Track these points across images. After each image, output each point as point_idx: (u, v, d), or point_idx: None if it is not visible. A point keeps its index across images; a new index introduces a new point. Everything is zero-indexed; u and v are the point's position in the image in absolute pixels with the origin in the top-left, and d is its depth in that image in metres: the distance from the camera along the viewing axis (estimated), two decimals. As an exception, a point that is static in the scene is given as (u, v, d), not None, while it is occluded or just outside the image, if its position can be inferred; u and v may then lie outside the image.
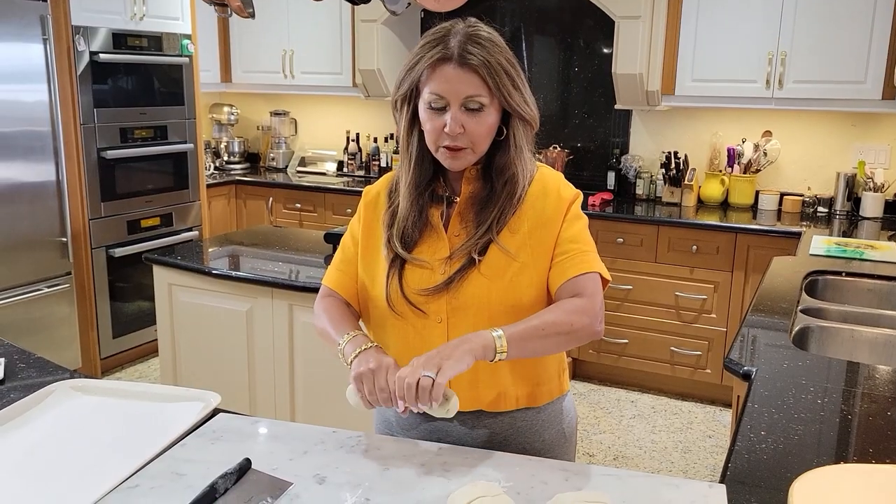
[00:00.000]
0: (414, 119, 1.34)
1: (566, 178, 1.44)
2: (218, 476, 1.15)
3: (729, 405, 3.69)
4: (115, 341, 4.07)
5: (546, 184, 1.38)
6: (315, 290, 2.47)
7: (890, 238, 3.30)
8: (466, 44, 1.26)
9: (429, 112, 1.29)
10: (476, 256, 1.31)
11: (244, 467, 1.19)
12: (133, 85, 4.02)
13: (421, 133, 1.33)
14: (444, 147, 1.30)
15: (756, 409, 1.50)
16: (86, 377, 1.61)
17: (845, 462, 1.27)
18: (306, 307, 2.56)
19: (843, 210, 3.82)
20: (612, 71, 3.85)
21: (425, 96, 1.28)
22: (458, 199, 1.38)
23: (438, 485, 1.18)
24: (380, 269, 1.38)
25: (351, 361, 1.29)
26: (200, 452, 1.29)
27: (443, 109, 1.28)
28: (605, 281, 1.36)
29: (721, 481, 1.23)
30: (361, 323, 1.46)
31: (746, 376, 1.69)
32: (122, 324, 4.10)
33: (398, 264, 1.36)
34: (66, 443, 1.33)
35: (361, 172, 5.04)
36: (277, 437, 1.35)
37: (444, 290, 1.32)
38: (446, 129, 1.27)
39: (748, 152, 3.97)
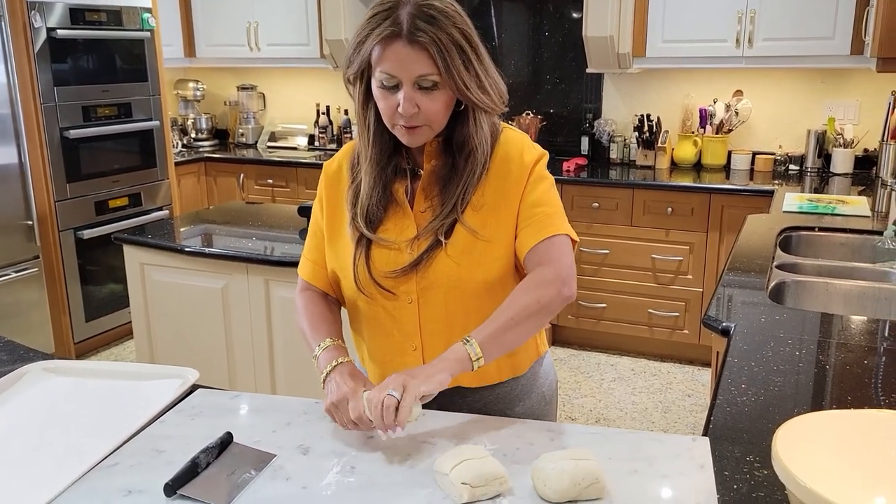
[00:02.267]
0: (368, 94, 1.28)
1: (540, 145, 1.39)
2: (199, 451, 1.13)
3: (707, 364, 3.74)
4: (87, 325, 4.00)
5: (509, 149, 1.33)
6: (291, 264, 2.47)
7: (860, 193, 3.33)
8: (416, 18, 1.18)
9: (381, 91, 1.23)
10: (442, 239, 1.28)
11: (226, 441, 1.18)
12: (94, 61, 3.92)
13: (377, 107, 1.27)
14: (399, 125, 1.25)
15: (736, 363, 1.51)
16: (59, 359, 1.57)
17: (825, 410, 1.28)
18: (283, 282, 2.53)
19: (813, 167, 3.85)
20: (583, 34, 3.82)
21: (377, 74, 1.22)
22: (422, 172, 1.34)
23: (424, 450, 1.18)
24: (346, 250, 1.35)
25: (323, 380, 1.27)
26: (180, 428, 1.26)
27: (395, 88, 1.22)
28: (574, 242, 1.34)
29: (704, 434, 1.24)
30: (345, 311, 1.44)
31: (725, 332, 1.70)
32: (95, 307, 4.03)
33: (364, 244, 1.32)
34: (42, 425, 1.31)
35: (333, 146, 4.97)
36: (259, 410, 1.33)
37: (412, 271, 1.29)
38: (399, 109, 1.21)
39: (720, 112, 3.98)
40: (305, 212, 2.87)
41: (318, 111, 5.01)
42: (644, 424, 3.21)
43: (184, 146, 5.07)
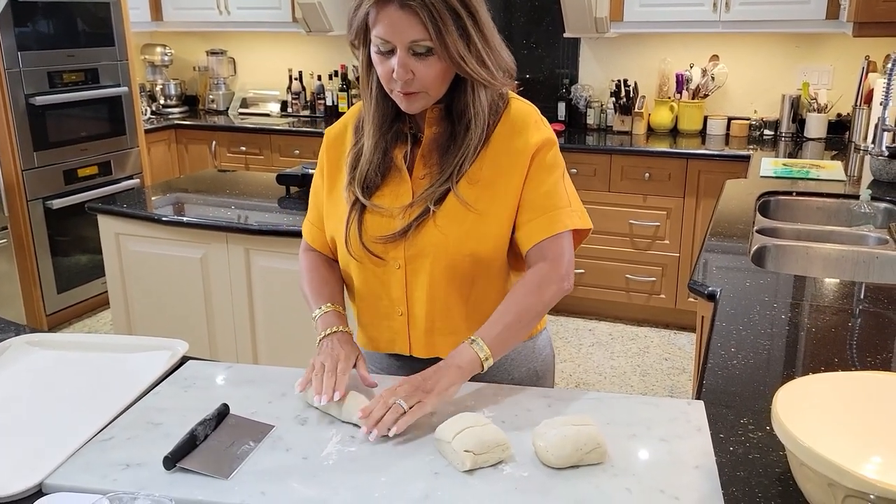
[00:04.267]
0: (371, 58, 1.26)
1: None
2: (197, 423, 1.11)
3: (683, 328, 3.80)
4: (59, 297, 3.93)
5: (514, 123, 1.30)
6: (272, 233, 2.45)
7: (833, 157, 3.37)
8: None
9: (377, 56, 1.21)
10: (431, 206, 1.26)
11: (223, 412, 1.16)
12: (58, 26, 3.79)
13: None
14: (397, 91, 1.22)
15: (724, 326, 1.53)
16: (38, 332, 1.54)
17: (815, 372, 1.31)
18: (263, 251, 2.50)
19: (788, 132, 3.89)
20: (560, -2, 3.78)
21: (373, 39, 1.20)
22: (423, 138, 1.32)
23: (424, 418, 1.17)
24: (342, 213, 1.34)
25: (319, 340, 1.28)
26: (174, 400, 1.25)
27: (391, 53, 1.19)
28: (585, 231, 1.34)
29: (696, 397, 1.26)
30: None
31: (711, 296, 1.72)
32: (66, 278, 3.95)
33: (358, 209, 1.31)
34: (30, 400, 1.28)
35: (307, 112, 4.90)
36: (253, 381, 1.32)
37: (400, 238, 1.29)
38: (393, 75, 1.19)
39: (696, 78, 3.99)
40: (285, 180, 2.84)
41: (290, 77, 4.92)
42: (623, 388, 3.26)
43: (153, 113, 4.95)
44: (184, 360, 1.40)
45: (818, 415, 0.96)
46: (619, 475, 1.02)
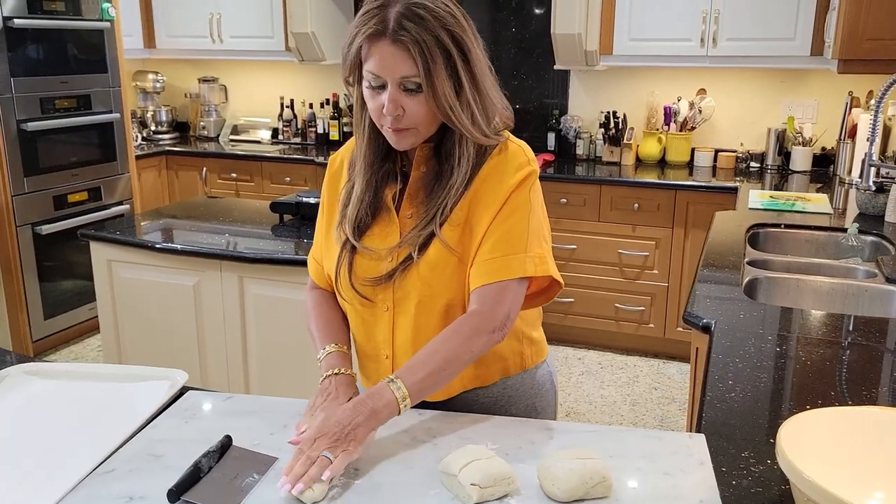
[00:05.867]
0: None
1: None
2: (201, 455, 1.11)
3: (672, 358, 3.82)
4: (46, 322, 3.88)
5: (498, 165, 1.27)
6: (266, 261, 2.45)
7: (818, 190, 3.43)
8: (403, 17, 1.14)
9: (369, 91, 1.20)
10: (414, 255, 1.25)
11: (226, 444, 1.16)
12: (51, 52, 3.80)
13: None
14: (387, 127, 1.22)
15: (720, 359, 1.54)
16: (33, 361, 1.53)
17: (811, 405, 1.32)
18: (257, 279, 2.50)
19: (774, 164, 3.95)
20: (552, 31, 3.84)
21: (365, 73, 1.19)
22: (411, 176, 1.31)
23: (426, 450, 1.18)
24: (335, 252, 1.34)
25: (320, 383, 1.28)
26: (175, 432, 1.24)
27: (382, 88, 1.18)
28: (554, 284, 1.31)
29: (696, 430, 1.27)
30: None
31: (706, 328, 1.74)
32: (54, 304, 3.92)
33: (349, 250, 1.31)
34: (29, 431, 1.27)
35: (298, 139, 4.92)
36: (253, 412, 1.31)
37: (387, 280, 1.29)
38: (384, 110, 1.19)
39: (683, 110, 4.06)
40: (278, 208, 2.84)
41: (282, 104, 4.94)
42: (613, 418, 3.26)
43: (143, 139, 4.95)
44: (183, 389, 1.40)
45: (821, 449, 0.98)
46: (625, 509, 1.02)
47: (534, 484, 1.07)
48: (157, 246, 2.59)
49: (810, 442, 0.98)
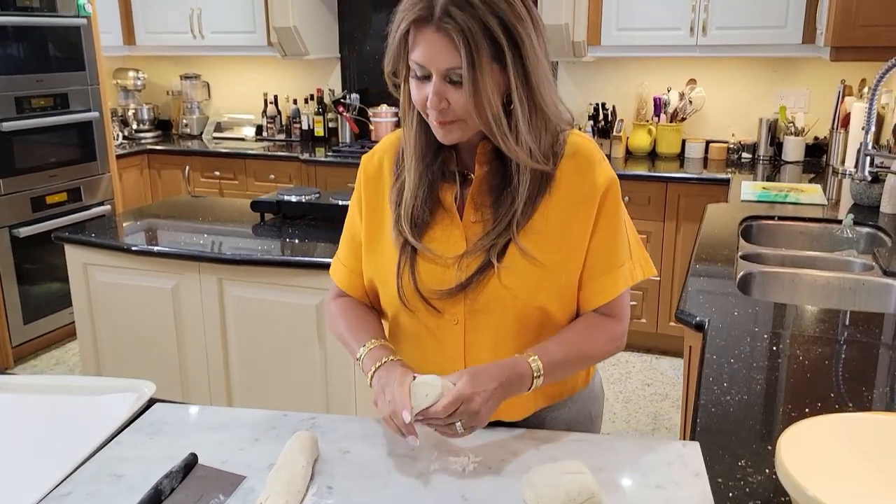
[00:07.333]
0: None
1: None
2: (162, 476, 1.04)
3: (665, 353, 3.76)
4: (26, 327, 3.80)
5: (579, 163, 1.18)
6: (246, 262, 2.37)
7: (811, 180, 3.37)
8: (451, 2, 1.03)
9: (414, 81, 1.11)
10: (494, 261, 1.15)
11: (190, 463, 1.09)
12: (26, 50, 3.70)
13: None
14: (433, 120, 1.12)
15: (714, 359, 1.48)
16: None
17: (810, 408, 1.26)
18: (238, 281, 2.42)
19: (766, 155, 3.89)
20: (538, 22, 3.76)
21: (411, 63, 1.10)
22: (472, 178, 1.20)
23: (405, 465, 1.11)
24: (389, 258, 1.22)
25: (371, 378, 1.17)
26: (138, 449, 1.17)
27: (427, 78, 1.09)
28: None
29: (691, 437, 1.21)
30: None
31: (699, 327, 1.67)
32: (34, 308, 3.83)
33: (409, 253, 1.19)
34: (-19, 450, 1.19)
35: (282, 136, 4.83)
36: (224, 425, 1.24)
37: (460, 292, 1.17)
38: (428, 103, 1.09)
39: (674, 101, 3.99)
40: (259, 206, 2.76)
41: (265, 101, 4.86)
42: (606, 416, 3.20)
43: (125, 138, 4.86)
44: (151, 402, 1.32)
45: (822, 461, 0.91)
46: (615, 527, 0.96)
47: (517, 501, 1.01)
48: (134, 248, 2.51)
49: (812, 453, 0.91)
